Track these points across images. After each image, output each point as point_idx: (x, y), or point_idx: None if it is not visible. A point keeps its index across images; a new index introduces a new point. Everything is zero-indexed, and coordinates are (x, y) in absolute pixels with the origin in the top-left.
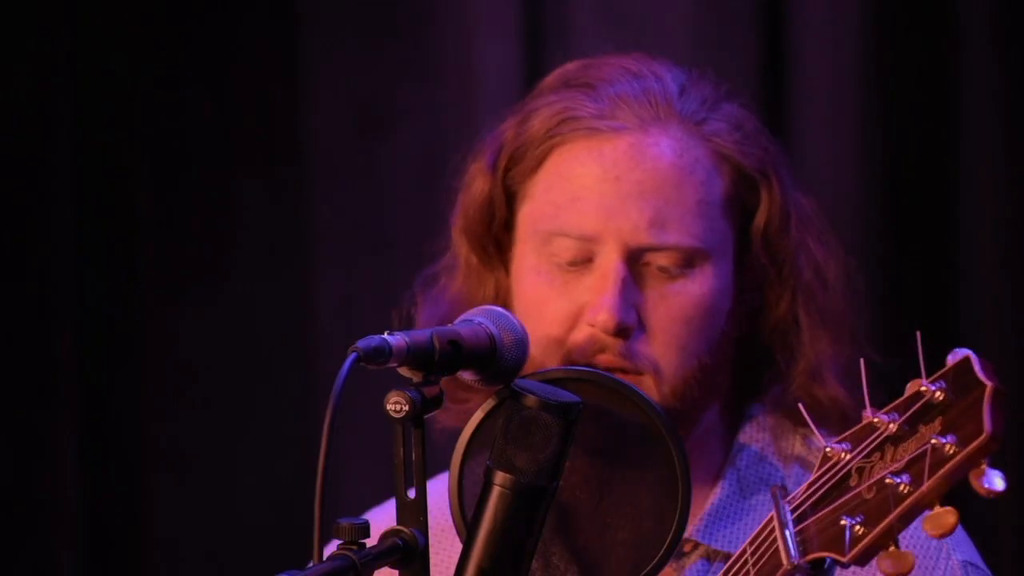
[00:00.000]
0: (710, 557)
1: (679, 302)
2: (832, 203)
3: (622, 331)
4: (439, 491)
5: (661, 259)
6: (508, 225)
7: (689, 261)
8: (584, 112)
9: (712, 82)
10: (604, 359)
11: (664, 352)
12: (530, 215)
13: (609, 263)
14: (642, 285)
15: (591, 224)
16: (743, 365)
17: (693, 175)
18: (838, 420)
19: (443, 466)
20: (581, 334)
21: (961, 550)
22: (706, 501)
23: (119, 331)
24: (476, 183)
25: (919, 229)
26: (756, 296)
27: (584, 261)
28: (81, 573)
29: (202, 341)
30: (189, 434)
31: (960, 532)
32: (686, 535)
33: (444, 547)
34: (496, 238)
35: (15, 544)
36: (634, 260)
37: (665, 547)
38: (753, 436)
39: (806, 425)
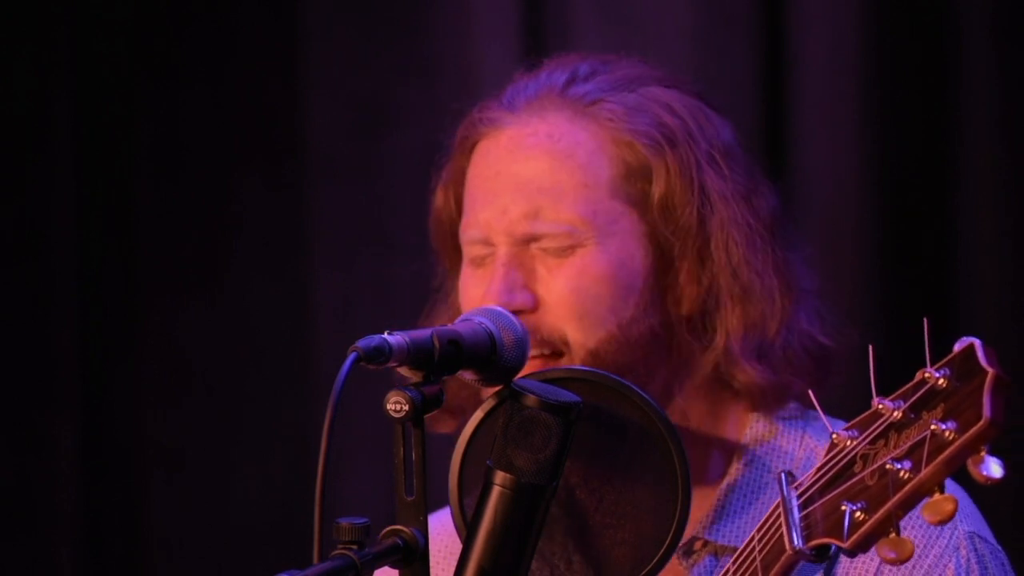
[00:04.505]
0: (717, 553)
1: (567, 273)
2: (832, 203)
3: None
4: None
5: (544, 243)
6: None
7: (573, 243)
8: (484, 114)
9: (632, 67)
10: None
11: (566, 322)
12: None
13: (498, 254)
14: (534, 267)
15: (482, 225)
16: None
17: (570, 159)
18: (764, 402)
19: (443, 466)
20: None
21: (969, 521)
22: (712, 498)
23: (118, 330)
24: (435, 197)
25: (919, 228)
26: (674, 273)
27: (489, 256)
28: (80, 571)
29: (201, 341)
30: (188, 433)
31: (969, 504)
32: (694, 534)
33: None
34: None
35: (14, 542)
36: (523, 246)
37: (665, 547)
38: (756, 433)
39: (814, 418)
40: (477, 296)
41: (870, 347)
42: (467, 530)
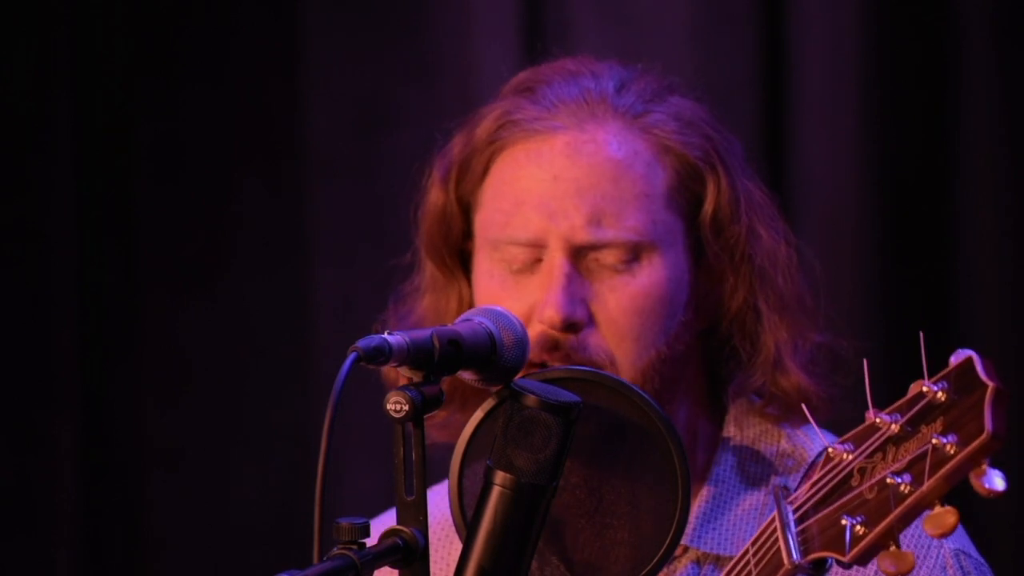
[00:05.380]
0: (700, 560)
1: (628, 293)
2: (832, 203)
3: (570, 326)
4: (439, 495)
5: (605, 254)
6: (467, 235)
7: (634, 254)
8: (523, 115)
9: (658, 77)
10: (558, 356)
11: (618, 344)
12: (482, 223)
13: (554, 261)
14: (591, 279)
15: (534, 228)
16: (712, 359)
17: (631, 168)
18: (797, 411)
19: (443, 466)
20: (534, 332)
21: (953, 538)
22: (693, 504)
23: (118, 330)
24: (431, 198)
25: (919, 228)
26: (715, 286)
27: (533, 262)
28: (79, 571)
29: (201, 340)
30: (188, 433)
31: None
32: None
33: (442, 553)
34: (456, 250)
35: (14, 542)
36: (579, 256)
37: (664, 547)
38: (737, 436)
39: (788, 422)
40: (523, 304)
41: (864, 361)
42: (467, 530)
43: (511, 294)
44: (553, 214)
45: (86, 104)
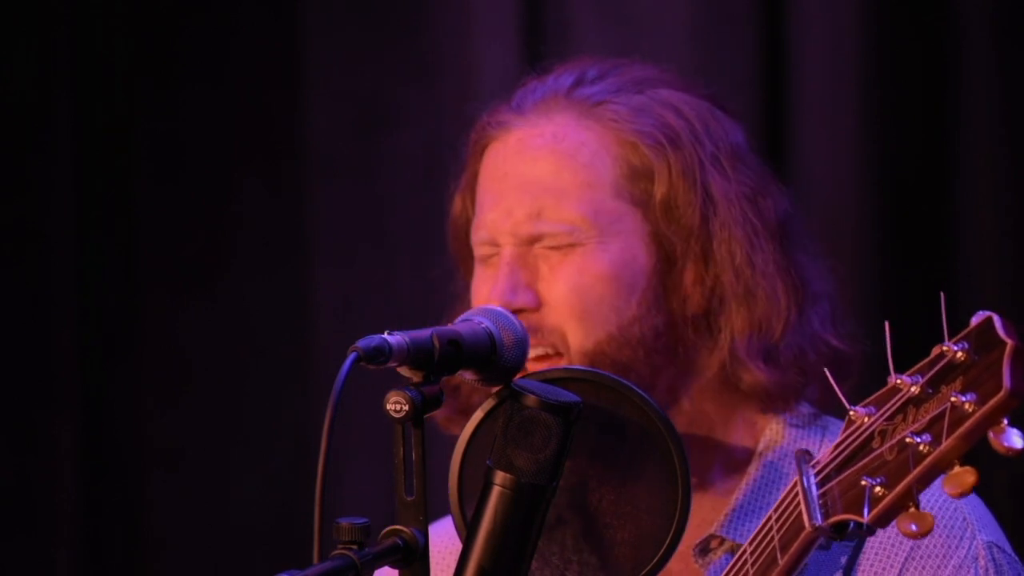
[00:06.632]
0: (734, 552)
1: (569, 272)
2: (832, 203)
3: (513, 311)
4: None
5: (547, 242)
6: None
7: (573, 241)
8: (495, 118)
9: (644, 69)
10: None
11: (566, 322)
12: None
13: (502, 253)
14: (539, 265)
15: (489, 226)
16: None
17: (574, 159)
18: (771, 403)
19: (443, 466)
20: None
21: (987, 531)
22: (731, 496)
23: (118, 330)
24: (453, 206)
25: (919, 228)
26: (674, 274)
27: (495, 255)
28: (79, 571)
29: (201, 340)
30: (188, 433)
31: (986, 513)
32: (711, 532)
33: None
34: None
35: (14, 542)
36: (527, 246)
37: (665, 547)
38: (779, 432)
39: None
40: (484, 294)
41: (886, 324)
42: (467, 530)
43: (478, 286)
44: (502, 211)
45: (86, 104)
